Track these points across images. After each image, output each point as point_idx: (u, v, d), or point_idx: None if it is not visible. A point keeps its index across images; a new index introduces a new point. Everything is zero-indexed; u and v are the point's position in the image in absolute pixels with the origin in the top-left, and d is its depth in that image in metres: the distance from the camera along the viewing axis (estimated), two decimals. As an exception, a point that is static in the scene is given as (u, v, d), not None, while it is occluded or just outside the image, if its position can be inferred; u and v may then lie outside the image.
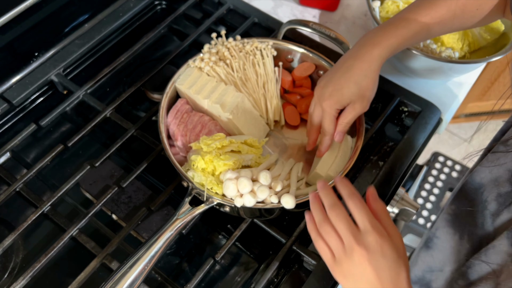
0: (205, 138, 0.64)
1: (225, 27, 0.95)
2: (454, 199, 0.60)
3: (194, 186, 0.62)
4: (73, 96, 0.80)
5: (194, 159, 0.63)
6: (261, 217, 0.68)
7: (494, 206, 0.52)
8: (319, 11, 1.00)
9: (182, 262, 0.70)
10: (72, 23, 0.89)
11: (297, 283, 0.66)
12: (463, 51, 0.89)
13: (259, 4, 0.97)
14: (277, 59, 0.78)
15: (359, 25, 0.98)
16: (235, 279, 0.69)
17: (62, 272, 0.68)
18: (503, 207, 0.50)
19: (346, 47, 0.76)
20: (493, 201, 0.52)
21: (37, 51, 0.84)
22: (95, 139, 0.81)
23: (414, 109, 0.81)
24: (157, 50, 0.94)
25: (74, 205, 0.74)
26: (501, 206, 0.51)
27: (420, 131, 0.78)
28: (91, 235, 0.67)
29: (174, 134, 0.70)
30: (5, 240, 0.64)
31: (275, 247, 0.70)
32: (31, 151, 0.80)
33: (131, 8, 0.92)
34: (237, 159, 0.63)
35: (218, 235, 0.73)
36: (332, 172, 0.66)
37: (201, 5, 0.97)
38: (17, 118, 0.82)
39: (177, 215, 0.60)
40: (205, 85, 0.70)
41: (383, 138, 0.80)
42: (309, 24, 0.79)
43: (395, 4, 0.89)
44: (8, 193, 0.69)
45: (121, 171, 0.76)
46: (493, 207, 0.52)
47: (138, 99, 0.86)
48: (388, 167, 0.74)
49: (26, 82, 0.81)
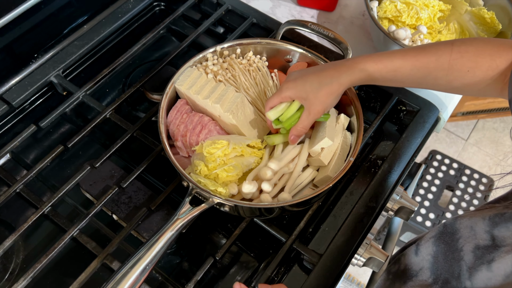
0: (208, 145, 0.64)
1: (224, 28, 0.96)
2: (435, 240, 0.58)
3: (196, 186, 0.62)
4: (73, 97, 0.80)
5: (198, 164, 0.63)
6: (261, 216, 0.69)
7: (470, 259, 0.50)
8: (317, 11, 1.01)
9: (183, 262, 0.71)
10: (71, 25, 0.89)
11: (297, 281, 0.66)
12: (460, 50, 0.90)
13: (258, 5, 0.97)
14: (276, 59, 0.79)
15: (357, 25, 0.99)
16: (236, 278, 0.69)
17: (63, 273, 0.68)
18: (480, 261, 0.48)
19: (344, 47, 0.76)
20: (470, 253, 0.50)
21: (37, 53, 0.84)
22: (95, 139, 0.82)
23: (412, 108, 0.81)
24: (156, 51, 0.94)
25: (74, 206, 0.74)
26: (478, 260, 0.49)
27: (418, 130, 0.78)
28: (92, 235, 0.67)
29: (174, 134, 0.70)
30: (6, 241, 0.64)
31: (275, 246, 0.70)
32: (31, 152, 0.80)
33: (130, 9, 0.93)
34: (240, 170, 0.64)
35: (218, 235, 0.73)
36: (332, 172, 0.66)
37: (200, 6, 0.97)
38: (17, 120, 0.82)
39: (177, 215, 0.61)
40: (204, 86, 0.70)
41: (382, 137, 0.81)
42: (308, 25, 0.79)
43: (393, 4, 0.90)
44: (8, 194, 0.69)
45: (121, 172, 0.76)
46: (469, 259, 0.50)
47: (137, 100, 0.86)
48: (387, 165, 0.74)
49: (25, 83, 0.81)
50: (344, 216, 0.69)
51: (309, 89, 0.62)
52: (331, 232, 0.68)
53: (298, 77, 0.63)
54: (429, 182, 1.70)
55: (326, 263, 0.64)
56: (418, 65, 0.58)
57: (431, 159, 1.77)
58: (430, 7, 0.89)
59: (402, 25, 0.89)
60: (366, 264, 0.70)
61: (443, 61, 0.57)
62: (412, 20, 0.88)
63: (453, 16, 0.91)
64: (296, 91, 0.63)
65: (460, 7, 0.90)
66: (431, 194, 1.67)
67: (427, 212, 1.62)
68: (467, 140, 2.10)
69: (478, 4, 0.91)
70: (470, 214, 0.54)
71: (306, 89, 0.62)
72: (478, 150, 2.07)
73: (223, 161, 0.64)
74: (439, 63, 0.57)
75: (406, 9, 0.89)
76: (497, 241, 0.48)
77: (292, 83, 0.63)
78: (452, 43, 0.58)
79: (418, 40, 0.85)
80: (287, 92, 0.63)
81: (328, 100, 0.62)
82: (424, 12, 0.88)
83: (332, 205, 0.72)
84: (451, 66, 0.57)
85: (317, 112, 0.63)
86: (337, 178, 0.63)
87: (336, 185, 0.75)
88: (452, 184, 1.70)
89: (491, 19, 0.87)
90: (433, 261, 0.57)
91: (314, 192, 0.62)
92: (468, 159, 2.03)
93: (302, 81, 0.62)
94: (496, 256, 0.47)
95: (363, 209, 0.69)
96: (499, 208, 0.50)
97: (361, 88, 0.85)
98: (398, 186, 0.75)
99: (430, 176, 1.72)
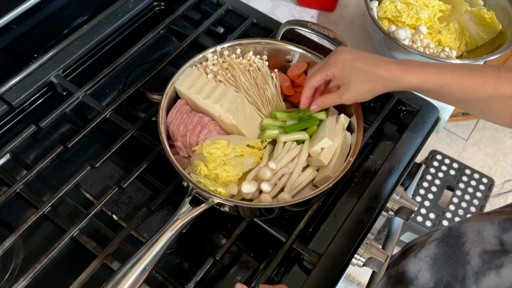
0: (208, 145, 0.64)
1: (224, 28, 0.96)
2: (438, 242, 0.58)
3: (196, 187, 0.62)
4: (73, 97, 0.80)
5: (198, 164, 0.63)
6: (261, 216, 0.68)
7: (477, 263, 0.50)
8: (317, 11, 1.01)
9: (183, 262, 0.71)
10: (71, 25, 0.89)
11: (297, 281, 0.66)
12: (461, 50, 0.90)
13: (258, 5, 0.97)
14: (276, 59, 0.79)
15: (357, 25, 0.99)
16: (236, 278, 0.69)
17: (63, 273, 0.68)
18: (488, 266, 0.48)
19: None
20: (477, 257, 0.50)
21: (37, 53, 0.84)
22: (95, 140, 0.82)
23: (413, 108, 0.81)
24: (156, 51, 0.94)
25: (74, 206, 0.74)
26: (485, 265, 0.48)
27: (419, 130, 0.78)
28: (92, 235, 0.67)
29: (174, 134, 0.70)
30: (6, 241, 0.64)
31: (275, 246, 0.70)
32: (31, 152, 0.80)
33: (130, 9, 0.93)
34: (240, 170, 0.64)
35: (218, 235, 0.73)
36: (332, 172, 0.66)
37: (200, 6, 0.97)
38: (16, 120, 0.82)
39: (177, 215, 0.61)
40: (204, 86, 0.70)
41: (382, 137, 0.81)
42: (308, 25, 0.79)
43: (393, 4, 0.90)
44: (8, 194, 0.69)
45: (121, 172, 0.76)
46: (476, 263, 0.50)
47: (137, 100, 0.86)
48: (387, 165, 0.74)
49: (25, 83, 0.81)
50: (344, 216, 0.69)
51: (354, 77, 0.61)
52: (331, 232, 0.68)
53: (348, 59, 0.62)
54: (429, 182, 1.70)
55: (326, 263, 0.64)
56: (465, 84, 0.58)
57: (431, 159, 1.77)
58: (430, 7, 0.89)
59: (402, 25, 0.89)
60: (366, 264, 0.70)
61: (489, 84, 0.57)
62: (412, 20, 0.88)
63: (453, 16, 0.91)
64: (341, 72, 0.62)
65: (460, 7, 0.90)
66: (431, 194, 1.67)
67: (427, 212, 1.62)
68: (467, 140, 2.10)
69: (478, 4, 0.91)
70: (477, 218, 0.54)
71: (351, 76, 0.61)
72: (478, 150, 2.07)
73: (223, 161, 0.64)
74: (484, 86, 0.57)
75: (406, 9, 0.88)
76: (507, 246, 0.48)
77: (341, 64, 0.62)
78: (499, 68, 0.57)
79: (418, 40, 0.85)
80: (333, 70, 0.62)
81: (366, 95, 0.62)
82: (424, 12, 0.88)
83: (332, 205, 0.72)
84: (496, 90, 0.57)
85: (348, 100, 0.63)
86: (337, 178, 0.63)
87: (336, 185, 0.75)
88: (452, 184, 1.70)
89: (491, 19, 0.87)
90: (433, 263, 0.57)
91: (314, 192, 0.62)
92: (468, 159, 2.03)
93: (351, 66, 0.61)
94: (506, 262, 0.47)
95: (363, 209, 0.69)
96: (509, 213, 0.50)
97: (361, 88, 0.85)
98: (398, 186, 0.75)
99: (430, 176, 1.72)
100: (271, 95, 0.74)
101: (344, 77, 0.62)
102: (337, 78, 0.63)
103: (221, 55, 0.76)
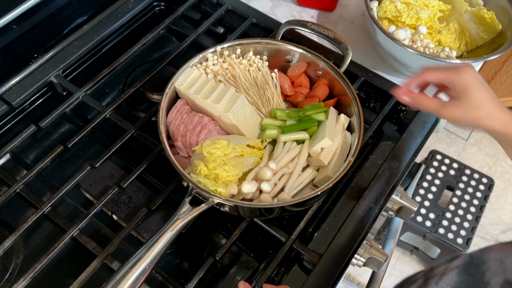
0: (208, 145, 0.64)
1: (224, 28, 0.96)
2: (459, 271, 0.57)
3: (196, 187, 0.62)
4: (73, 97, 0.80)
5: (198, 164, 0.63)
6: (261, 216, 0.69)
7: None
8: (317, 11, 1.01)
9: (183, 262, 0.71)
10: (71, 25, 0.89)
11: (297, 281, 0.66)
12: (461, 50, 0.90)
13: (258, 5, 0.97)
14: (276, 59, 0.79)
15: (357, 25, 0.99)
16: (236, 278, 0.69)
17: (63, 273, 0.68)
18: None
19: (344, 47, 0.76)
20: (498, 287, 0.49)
21: (37, 53, 0.84)
22: (95, 140, 0.82)
23: (412, 108, 0.81)
24: (156, 51, 0.94)
25: (74, 206, 0.74)
26: None
27: (419, 130, 0.78)
28: (92, 235, 0.67)
29: (174, 134, 0.70)
30: (6, 241, 0.64)
31: (275, 246, 0.70)
32: (31, 152, 0.80)
33: (130, 9, 0.93)
34: (240, 170, 0.64)
35: (218, 235, 0.73)
36: (332, 172, 0.66)
37: (200, 6, 0.97)
38: (16, 120, 0.82)
39: (177, 215, 0.61)
40: (204, 86, 0.70)
41: (382, 137, 0.81)
42: (307, 25, 0.79)
43: (393, 4, 0.89)
44: (8, 194, 0.69)
45: (121, 172, 0.76)
46: None
47: (137, 100, 0.86)
48: (387, 165, 0.74)
49: (25, 83, 0.81)
50: (344, 216, 0.69)
51: (473, 98, 0.59)
52: (331, 232, 0.68)
53: (480, 80, 0.60)
54: (429, 182, 1.70)
55: (326, 263, 0.64)
56: None
57: (431, 159, 1.77)
58: (430, 7, 0.89)
59: (402, 25, 0.89)
60: (366, 264, 0.70)
61: None
62: (412, 20, 0.88)
63: (453, 16, 0.91)
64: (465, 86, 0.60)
65: (460, 7, 0.90)
66: (431, 194, 1.67)
67: (427, 212, 1.62)
68: (467, 140, 2.10)
69: (478, 4, 0.91)
70: (500, 247, 0.53)
71: (470, 96, 0.59)
72: (478, 150, 2.07)
73: (223, 161, 0.64)
74: None
75: (406, 9, 0.88)
76: None
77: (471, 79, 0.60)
78: None
79: (418, 40, 0.85)
80: (460, 79, 0.60)
81: (465, 123, 0.61)
82: (424, 12, 0.88)
83: (332, 205, 0.72)
84: None
85: (446, 116, 0.61)
86: (337, 178, 0.63)
87: (336, 185, 0.75)
88: (452, 184, 1.70)
89: (491, 19, 0.87)
90: None
91: (314, 192, 0.62)
92: (468, 159, 2.03)
93: (479, 87, 0.59)
94: None
95: (363, 209, 0.69)
96: None
97: (361, 88, 0.86)
98: (398, 186, 0.75)
99: (430, 176, 1.72)
100: (271, 95, 0.74)
101: (463, 92, 0.60)
102: (455, 89, 0.61)
103: (221, 55, 0.76)
